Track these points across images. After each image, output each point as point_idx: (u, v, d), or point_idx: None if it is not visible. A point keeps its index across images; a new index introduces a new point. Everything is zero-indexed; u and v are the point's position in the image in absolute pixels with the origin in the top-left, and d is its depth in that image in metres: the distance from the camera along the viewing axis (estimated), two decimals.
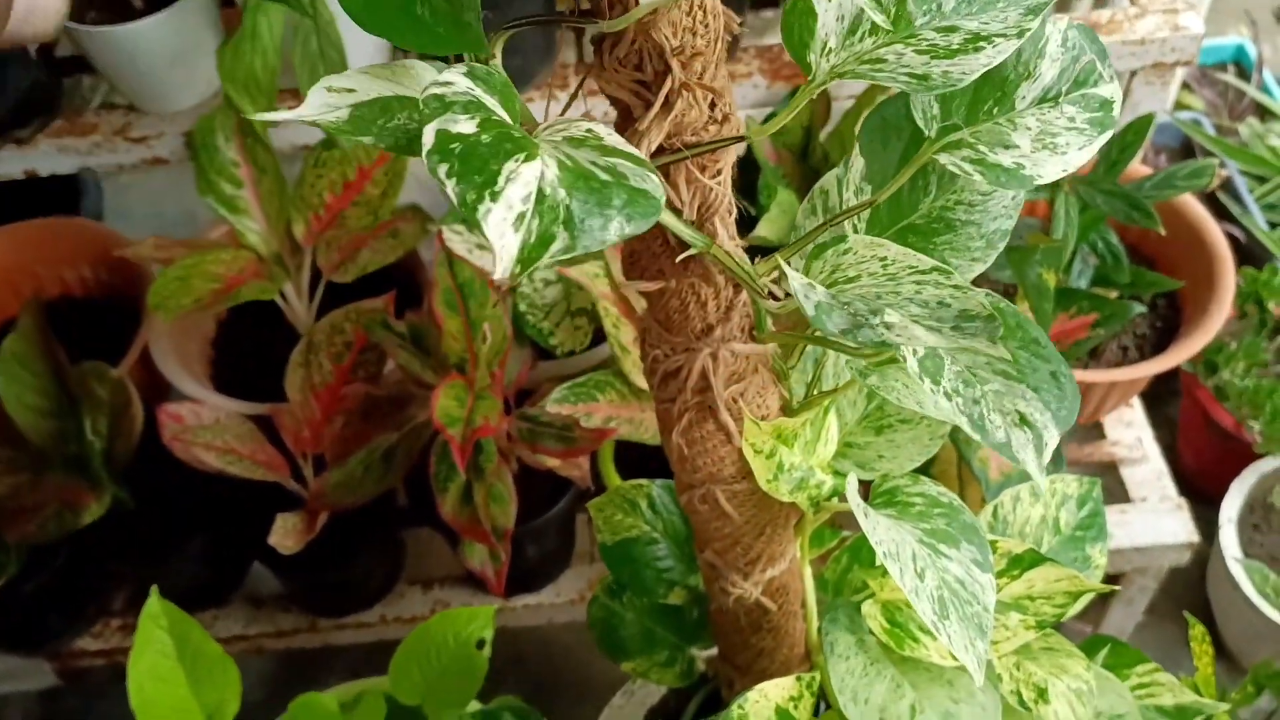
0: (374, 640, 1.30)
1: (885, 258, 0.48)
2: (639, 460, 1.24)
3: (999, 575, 0.69)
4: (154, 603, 0.84)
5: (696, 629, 0.82)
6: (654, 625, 0.83)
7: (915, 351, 0.48)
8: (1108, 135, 0.51)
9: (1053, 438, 0.47)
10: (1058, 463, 1.04)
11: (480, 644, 0.91)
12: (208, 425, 1.10)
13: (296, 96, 1.15)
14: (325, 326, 1.13)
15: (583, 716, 1.04)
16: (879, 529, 0.60)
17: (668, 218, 0.53)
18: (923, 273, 0.46)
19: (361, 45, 1.10)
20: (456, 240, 1.13)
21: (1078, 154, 0.51)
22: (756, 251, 0.60)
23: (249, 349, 1.34)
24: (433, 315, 1.03)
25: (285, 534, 1.06)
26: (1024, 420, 0.47)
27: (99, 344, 1.30)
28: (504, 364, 1.07)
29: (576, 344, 1.15)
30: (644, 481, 0.80)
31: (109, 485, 1.12)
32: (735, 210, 0.58)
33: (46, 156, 1.17)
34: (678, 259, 0.57)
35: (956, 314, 0.43)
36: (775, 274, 0.58)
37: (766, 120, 1.19)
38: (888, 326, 0.41)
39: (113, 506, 1.13)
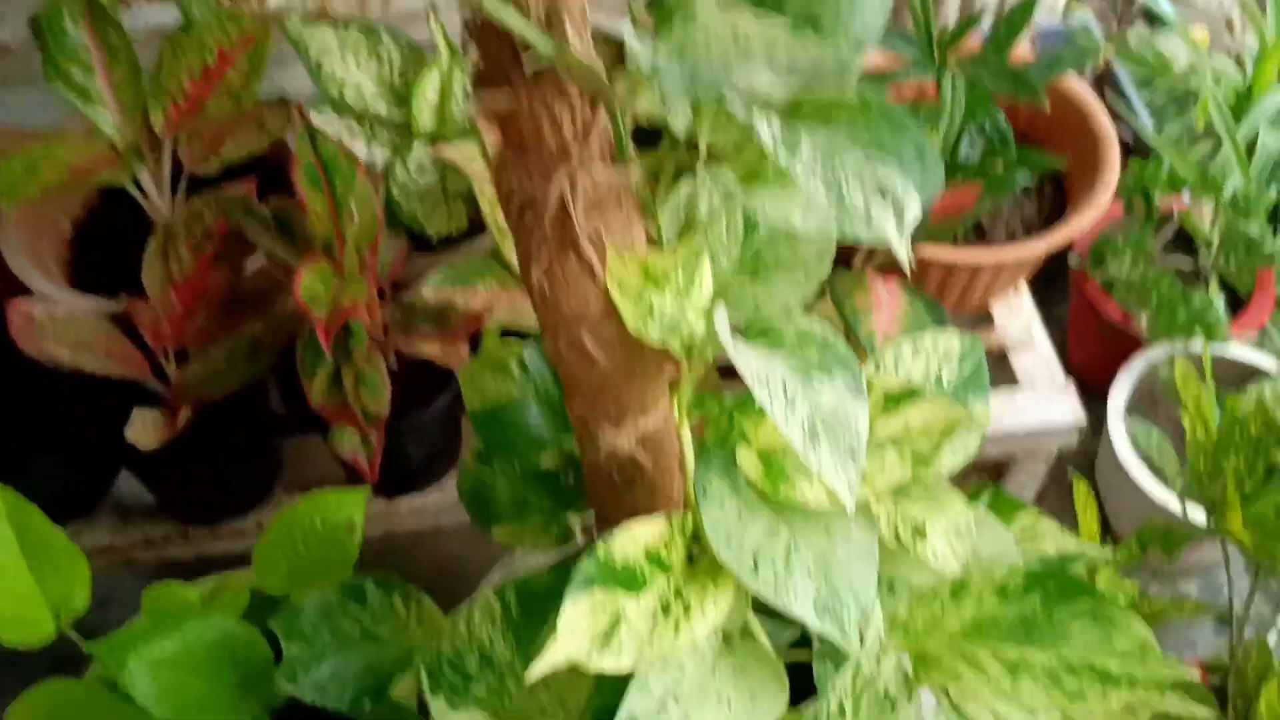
0: (251, 549, 1.24)
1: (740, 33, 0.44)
2: None
3: (876, 415, 0.67)
4: None
5: (571, 495, 0.79)
6: (527, 492, 0.79)
7: (773, 131, 0.44)
8: None
9: (914, 206, 0.44)
10: (940, 319, 1.03)
11: (350, 527, 0.86)
12: (59, 320, 1.03)
13: None
14: (184, 214, 1.07)
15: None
16: (750, 361, 0.58)
17: (510, 16, 0.49)
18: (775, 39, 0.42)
19: None
20: (324, 124, 1.09)
21: None
22: None
23: (108, 249, 1.26)
24: (295, 193, 0.98)
25: (144, 429, 1.00)
26: (884, 190, 0.44)
27: None
28: (375, 249, 1.02)
29: (453, 228, 1.11)
30: (513, 340, 0.76)
31: None
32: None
33: None
34: (528, 71, 0.53)
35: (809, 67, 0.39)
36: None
37: None
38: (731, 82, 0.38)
39: None
